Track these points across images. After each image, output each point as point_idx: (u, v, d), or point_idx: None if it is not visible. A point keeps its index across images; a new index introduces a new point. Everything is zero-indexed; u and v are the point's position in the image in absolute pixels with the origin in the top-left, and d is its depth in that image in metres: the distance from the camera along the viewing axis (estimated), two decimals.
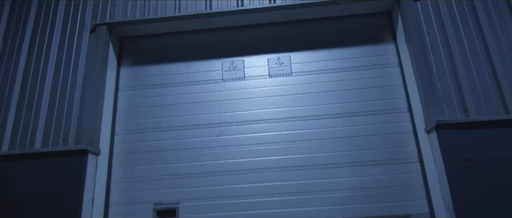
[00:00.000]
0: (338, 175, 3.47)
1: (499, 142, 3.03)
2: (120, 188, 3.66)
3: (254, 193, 3.50)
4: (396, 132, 3.57)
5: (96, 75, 3.72)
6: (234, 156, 3.64)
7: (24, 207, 3.25)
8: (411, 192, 3.36)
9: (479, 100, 3.22)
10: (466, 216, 2.84)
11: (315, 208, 3.39)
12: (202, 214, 3.48)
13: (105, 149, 3.71)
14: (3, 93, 3.79)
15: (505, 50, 3.36)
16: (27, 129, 3.61)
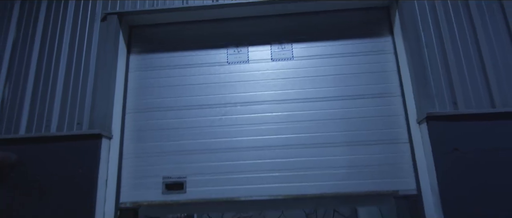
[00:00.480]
0: (334, 153, 3.75)
1: (485, 134, 3.28)
2: (131, 163, 3.92)
3: (255, 169, 3.77)
4: (389, 115, 3.83)
5: (108, 63, 3.91)
6: (238, 135, 3.90)
7: (41, 188, 3.49)
8: (400, 171, 3.65)
9: (468, 94, 3.46)
10: (450, 202, 3.12)
11: (311, 183, 3.68)
12: (207, 187, 3.77)
13: (117, 127, 3.94)
14: (18, 79, 3.98)
15: (495, 48, 3.58)
16: (43, 114, 3.82)
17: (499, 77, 3.48)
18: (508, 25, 3.64)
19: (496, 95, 3.42)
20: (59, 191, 3.45)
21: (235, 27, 4.32)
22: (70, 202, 3.41)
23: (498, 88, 3.45)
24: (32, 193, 3.50)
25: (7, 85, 3.98)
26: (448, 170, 3.19)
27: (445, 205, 3.11)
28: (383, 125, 3.80)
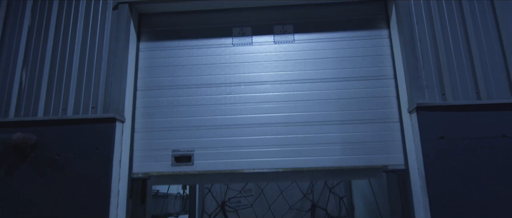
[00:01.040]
0: (330, 130, 4.09)
1: (470, 123, 3.59)
2: (142, 137, 4.24)
3: (257, 144, 4.11)
4: (382, 96, 4.16)
5: (120, 49, 4.16)
6: (241, 112, 4.22)
7: (62, 166, 3.81)
8: (390, 147, 4.00)
9: (456, 87, 3.74)
10: (435, 185, 3.45)
11: (308, 158, 4.03)
12: (212, 160, 4.11)
13: (129, 104, 4.23)
14: (35, 65, 4.23)
15: (484, 44, 3.84)
16: (59, 98, 4.09)
17: (485, 72, 3.76)
18: (497, 24, 3.88)
19: (482, 88, 3.70)
20: (79, 168, 3.78)
21: (241, 16, 4.57)
22: (88, 177, 3.75)
23: (484, 81, 3.72)
24: (51, 169, 3.81)
25: (24, 70, 4.23)
26: (434, 155, 3.51)
27: (429, 186, 3.45)
28: (376, 105, 4.13)
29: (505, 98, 3.65)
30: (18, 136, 3.74)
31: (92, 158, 3.79)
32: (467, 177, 3.46)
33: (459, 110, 3.62)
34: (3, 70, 4.23)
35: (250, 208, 5.97)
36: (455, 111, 3.63)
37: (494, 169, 3.47)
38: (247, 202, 5.99)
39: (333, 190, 6.13)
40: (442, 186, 3.45)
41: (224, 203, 6.04)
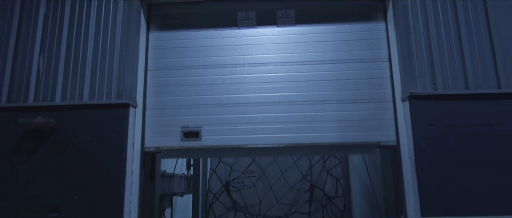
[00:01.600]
0: (328, 109, 4.40)
1: (458, 112, 3.88)
2: (153, 114, 4.54)
3: (260, 121, 4.42)
4: (377, 77, 4.44)
5: (131, 38, 4.41)
6: (246, 92, 4.51)
7: (80, 148, 4.11)
8: (384, 125, 4.31)
9: (447, 77, 4.01)
10: (424, 167, 3.77)
11: (308, 134, 4.34)
12: (219, 136, 4.42)
13: (140, 84, 4.50)
14: (51, 52, 4.48)
15: (474, 38, 4.08)
16: (75, 84, 4.36)
17: (474, 63, 4.02)
18: (488, 20, 4.11)
19: (471, 78, 3.97)
20: (96, 149, 4.09)
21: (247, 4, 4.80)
22: (104, 158, 4.07)
23: (473, 72, 3.99)
24: (70, 151, 4.12)
25: (41, 57, 4.48)
26: (423, 141, 3.83)
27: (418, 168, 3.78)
28: (371, 85, 4.42)
29: (492, 88, 3.92)
30: (39, 120, 4.03)
31: (108, 141, 4.10)
32: (454, 161, 3.78)
33: (449, 99, 3.91)
34: (21, 57, 4.49)
35: (252, 188, 6.32)
36: (444, 100, 3.91)
37: (479, 154, 3.78)
38: (250, 182, 6.33)
39: (330, 172, 6.47)
40: (431, 170, 3.77)
41: (228, 183, 6.39)
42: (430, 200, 3.74)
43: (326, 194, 6.42)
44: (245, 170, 6.44)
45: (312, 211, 6.17)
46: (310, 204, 6.29)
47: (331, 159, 6.60)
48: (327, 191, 6.44)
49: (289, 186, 6.44)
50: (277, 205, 6.28)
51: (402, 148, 4.08)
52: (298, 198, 6.36)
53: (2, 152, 4.18)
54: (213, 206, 6.25)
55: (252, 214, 6.13)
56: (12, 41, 4.52)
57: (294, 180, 6.47)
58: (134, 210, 4.16)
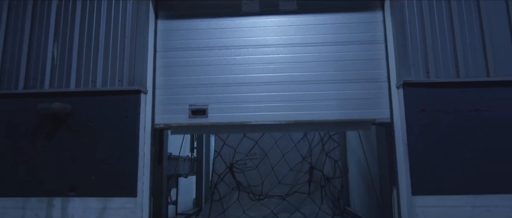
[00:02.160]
0: (326, 88, 4.68)
1: (448, 98, 4.15)
2: (162, 93, 4.82)
3: (263, 100, 4.70)
4: (373, 58, 4.70)
5: (141, 26, 4.65)
6: (249, 72, 4.78)
7: (95, 132, 4.39)
8: (379, 104, 4.59)
9: (439, 65, 4.27)
10: (415, 150, 4.07)
11: (308, 112, 4.64)
12: (224, 113, 4.72)
13: (150, 65, 4.74)
14: (64, 40, 4.71)
15: (466, 29, 4.33)
16: (89, 71, 4.60)
17: (465, 53, 4.27)
18: (479, 13, 4.35)
19: (462, 67, 4.23)
20: (111, 133, 4.39)
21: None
22: (118, 141, 4.37)
23: (464, 61, 4.25)
24: (85, 134, 4.41)
25: (55, 45, 4.71)
26: (415, 126, 4.13)
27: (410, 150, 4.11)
28: (368, 66, 4.68)
29: (481, 77, 4.19)
30: (56, 105, 4.30)
31: (121, 126, 4.38)
32: (444, 145, 4.09)
33: (440, 86, 4.18)
34: (36, 46, 4.72)
35: (255, 169, 6.61)
36: (436, 87, 4.18)
37: (467, 137, 4.09)
38: (253, 164, 6.62)
39: (329, 154, 6.75)
40: (422, 153, 4.08)
41: (232, 165, 6.68)
42: (420, 180, 4.05)
43: (324, 175, 6.72)
44: (248, 152, 6.72)
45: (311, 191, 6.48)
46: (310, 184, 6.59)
47: (330, 142, 6.88)
48: (326, 172, 6.74)
49: (289, 167, 6.73)
50: (278, 185, 6.59)
51: (396, 131, 4.37)
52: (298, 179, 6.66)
53: (21, 136, 4.46)
54: (218, 186, 6.56)
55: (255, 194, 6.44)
56: (27, 30, 4.75)
57: (295, 162, 6.76)
58: (146, 189, 4.47)
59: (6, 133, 4.48)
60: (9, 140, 4.47)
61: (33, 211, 4.36)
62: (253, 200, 6.33)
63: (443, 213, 4.01)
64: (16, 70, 4.67)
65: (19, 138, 4.47)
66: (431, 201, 4.04)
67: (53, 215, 4.32)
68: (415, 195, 4.06)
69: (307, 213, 6.04)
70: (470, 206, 4.01)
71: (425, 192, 4.04)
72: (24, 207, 4.37)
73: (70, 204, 4.32)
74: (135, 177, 4.31)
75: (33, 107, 4.43)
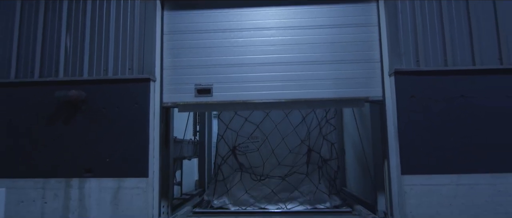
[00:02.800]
0: (323, 69, 5.02)
1: (436, 85, 4.48)
2: (169, 73, 5.14)
3: (264, 79, 5.05)
4: (367, 40, 5.02)
5: (149, 18, 4.94)
6: (251, 53, 5.11)
7: (108, 118, 4.72)
8: (372, 83, 4.93)
9: (429, 55, 4.58)
10: (405, 133, 4.41)
11: (306, 90, 4.99)
12: (228, 92, 5.07)
13: (158, 48, 5.03)
14: (77, 31, 4.99)
15: (454, 21, 4.63)
16: (100, 60, 4.90)
17: (453, 43, 4.58)
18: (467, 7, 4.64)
19: (449, 56, 4.54)
20: (123, 118, 4.73)
21: None
22: (130, 125, 4.72)
23: (451, 51, 4.56)
24: (99, 120, 4.74)
25: (68, 36, 4.99)
26: (405, 111, 4.47)
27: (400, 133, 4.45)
28: (362, 47, 5.00)
29: (467, 65, 4.51)
30: (73, 93, 4.61)
31: (133, 112, 4.71)
32: (431, 128, 4.44)
33: (429, 74, 4.50)
34: (49, 36, 5.00)
35: (256, 152, 6.94)
36: (426, 75, 4.50)
37: (452, 120, 4.44)
38: (254, 146, 6.94)
39: (326, 137, 7.08)
40: (410, 136, 4.43)
41: (235, 147, 7.00)
42: (409, 161, 4.42)
43: (321, 157, 7.05)
44: (249, 136, 7.03)
45: (309, 172, 6.81)
46: (308, 165, 6.93)
47: (327, 126, 7.19)
48: (323, 154, 7.07)
49: (289, 150, 7.05)
50: (278, 167, 6.92)
51: (388, 116, 4.71)
52: (297, 160, 7.00)
53: (39, 121, 4.79)
54: (221, 167, 6.90)
55: (256, 175, 6.80)
56: (40, 22, 5.03)
57: (294, 145, 7.07)
58: (156, 170, 4.83)
59: (24, 119, 4.81)
60: (28, 125, 4.80)
61: (53, 191, 4.72)
62: (254, 180, 6.67)
63: (429, 190, 4.39)
64: (32, 60, 4.97)
65: (37, 123, 4.80)
66: (418, 180, 4.41)
67: (71, 194, 4.69)
68: (404, 174, 4.43)
69: (305, 192, 6.42)
70: (454, 184, 4.39)
71: (413, 171, 4.41)
72: (44, 187, 4.74)
73: (86, 184, 4.69)
74: (146, 159, 4.67)
75: (49, 94, 4.75)
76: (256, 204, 6.26)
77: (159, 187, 4.90)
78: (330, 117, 7.29)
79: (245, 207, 6.19)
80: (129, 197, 4.63)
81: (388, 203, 4.77)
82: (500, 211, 4.31)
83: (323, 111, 7.25)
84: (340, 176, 7.49)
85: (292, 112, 7.13)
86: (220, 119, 7.21)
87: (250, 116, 7.11)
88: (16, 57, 4.99)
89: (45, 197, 4.72)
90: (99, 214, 4.64)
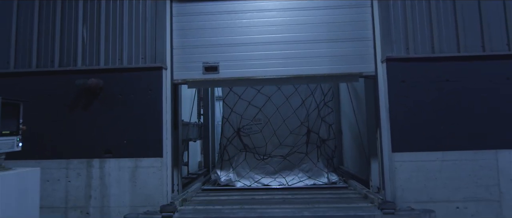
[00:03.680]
0: (320, 47, 5.43)
1: (424, 71, 4.91)
2: (179, 52, 5.54)
3: (266, 57, 5.46)
4: (360, 20, 5.42)
5: (160, 11, 5.33)
6: (254, 33, 5.51)
7: (125, 103, 5.15)
8: (366, 60, 5.35)
9: (417, 42, 4.99)
10: (396, 114, 4.87)
11: (305, 67, 5.40)
12: (233, 69, 5.49)
13: (167, 27, 5.39)
14: (92, 23, 5.37)
15: (441, 11, 5.02)
16: (115, 50, 5.30)
17: (440, 32, 4.99)
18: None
19: (436, 44, 4.96)
20: (138, 104, 5.16)
21: None
22: (145, 110, 5.15)
23: (438, 39, 4.97)
24: (116, 106, 5.17)
25: (85, 27, 5.37)
26: (396, 95, 4.91)
27: (391, 114, 4.90)
28: (356, 26, 5.40)
29: (452, 52, 4.93)
30: (92, 81, 5.03)
31: (147, 98, 5.14)
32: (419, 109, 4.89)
33: (418, 61, 4.93)
34: (67, 28, 5.38)
35: (259, 133, 7.43)
36: (414, 61, 4.93)
37: (438, 102, 4.89)
38: (257, 128, 7.42)
39: (324, 119, 7.55)
40: (400, 117, 4.89)
41: (239, 129, 7.49)
42: (399, 140, 4.89)
43: (320, 137, 7.53)
44: (253, 119, 7.51)
45: (308, 151, 7.33)
46: (307, 145, 7.42)
47: (325, 108, 7.66)
48: (321, 134, 7.56)
49: (289, 131, 7.54)
50: (280, 147, 7.43)
51: (381, 99, 5.14)
52: (297, 141, 7.49)
53: (61, 107, 5.22)
54: (227, 148, 7.40)
55: (260, 154, 7.31)
56: (58, 15, 5.40)
57: (294, 126, 7.56)
58: (169, 150, 5.30)
59: (47, 105, 5.23)
60: (51, 111, 5.22)
61: (75, 171, 5.19)
62: (258, 160, 7.19)
63: (417, 166, 4.87)
64: (51, 50, 5.36)
65: (59, 109, 5.23)
66: (407, 156, 4.88)
67: (93, 173, 5.16)
68: (395, 152, 4.90)
69: (304, 170, 6.94)
70: (440, 160, 4.86)
71: (402, 149, 4.88)
72: (67, 167, 5.20)
73: (106, 164, 5.15)
74: (161, 140, 5.13)
75: (68, 82, 5.17)
76: (260, 181, 6.78)
77: (172, 165, 5.37)
78: (327, 99, 7.76)
79: (250, 184, 6.70)
80: (146, 175, 5.10)
81: (381, 178, 5.25)
82: (480, 183, 4.80)
83: (321, 94, 7.70)
84: (337, 155, 8.01)
85: (292, 95, 7.58)
86: (225, 103, 7.67)
87: (253, 100, 7.57)
88: (37, 48, 5.37)
89: (69, 176, 5.19)
90: (119, 190, 5.12)
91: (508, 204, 4.77)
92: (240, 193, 6.10)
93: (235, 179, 6.80)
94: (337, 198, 5.54)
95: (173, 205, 4.72)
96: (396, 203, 4.74)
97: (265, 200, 5.54)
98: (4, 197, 3.61)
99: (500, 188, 4.80)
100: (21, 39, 5.40)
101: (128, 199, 5.09)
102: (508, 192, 4.78)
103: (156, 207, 4.86)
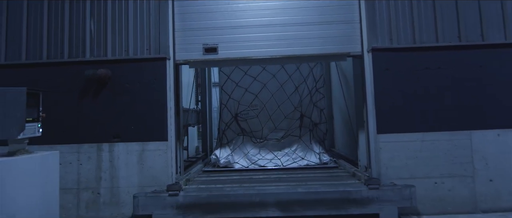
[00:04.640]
0: (311, 29, 5.88)
1: (406, 60, 5.37)
2: (180, 35, 5.95)
3: (262, 39, 5.89)
4: (348, 5, 5.86)
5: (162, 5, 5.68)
6: (250, 16, 5.95)
7: (132, 92, 5.56)
8: (353, 41, 5.81)
9: (400, 34, 5.44)
10: (381, 99, 5.35)
11: (297, 48, 5.85)
12: (232, 50, 5.90)
13: (170, 10, 5.78)
14: (99, 16, 5.73)
15: (422, 5, 5.46)
16: (122, 42, 5.68)
17: (420, 23, 5.44)
18: None
19: (417, 35, 5.42)
20: (144, 92, 5.57)
21: None
22: (151, 98, 5.57)
23: (419, 30, 5.43)
24: (124, 94, 5.58)
25: (92, 21, 5.74)
26: (381, 81, 5.38)
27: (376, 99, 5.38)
28: (344, 10, 5.86)
29: (431, 42, 5.40)
30: (101, 71, 5.43)
31: (153, 86, 5.56)
32: (402, 94, 5.36)
33: (400, 50, 5.39)
34: (75, 21, 5.74)
35: (256, 118, 7.91)
36: (398, 51, 5.39)
37: (419, 88, 5.37)
38: (254, 113, 7.89)
39: (316, 104, 8.04)
40: (384, 100, 5.37)
41: (237, 114, 7.95)
42: (383, 122, 5.37)
43: (312, 121, 8.03)
44: (249, 104, 7.99)
45: (301, 134, 7.83)
46: (300, 129, 7.91)
47: (317, 94, 8.14)
48: (313, 119, 8.06)
49: (284, 115, 8.03)
50: (275, 130, 7.93)
51: (367, 86, 5.61)
52: (291, 125, 7.99)
53: (71, 96, 5.62)
54: (225, 132, 7.87)
55: (256, 138, 7.80)
56: (66, 9, 5.75)
57: (288, 111, 8.05)
58: (173, 135, 5.74)
59: (59, 94, 5.62)
60: (63, 99, 5.62)
61: (86, 154, 5.62)
62: (255, 143, 7.69)
63: (399, 146, 5.38)
64: (61, 43, 5.73)
65: (70, 98, 5.62)
66: (391, 138, 5.38)
67: (103, 156, 5.60)
68: (379, 133, 5.39)
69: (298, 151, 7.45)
70: (420, 140, 5.37)
71: (386, 131, 5.38)
72: (78, 151, 5.63)
73: (115, 148, 5.59)
74: (166, 125, 5.57)
75: (78, 72, 5.56)
76: (257, 162, 7.28)
77: (176, 149, 5.83)
78: (319, 86, 8.23)
79: (247, 166, 7.20)
80: (152, 158, 5.56)
81: (367, 158, 5.76)
82: (456, 161, 5.33)
83: (313, 81, 8.16)
84: (328, 138, 8.52)
85: (286, 82, 8.04)
86: (223, 90, 8.10)
87: (250, 87, 8.03)
88: (47, 40, 5.73)
89: (80, 160, 5.62)
90: (127, 172, 5.57)
91: (481, 180, 5.31)
92: (238, 174, 6.58)
93: (234, 161, 7.28)
94: (328, 176, 6.05)
95: (178, 184, 5.18)
96: (381, 179, 5.24)
97: (262, 179, 6.03)
98: (29, 177, 4.05)
99: (473, 165, 5.33)
100: (32, 32, 5.75)
101: (136, 180, 5.55)
102: (481, 169, 5.31)
103: (162, 187, 5.28)
